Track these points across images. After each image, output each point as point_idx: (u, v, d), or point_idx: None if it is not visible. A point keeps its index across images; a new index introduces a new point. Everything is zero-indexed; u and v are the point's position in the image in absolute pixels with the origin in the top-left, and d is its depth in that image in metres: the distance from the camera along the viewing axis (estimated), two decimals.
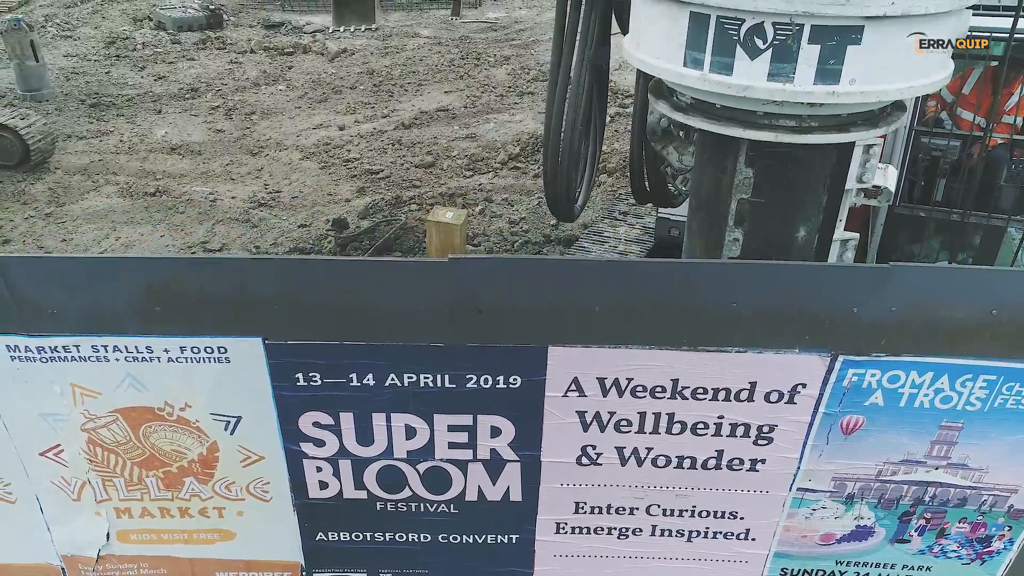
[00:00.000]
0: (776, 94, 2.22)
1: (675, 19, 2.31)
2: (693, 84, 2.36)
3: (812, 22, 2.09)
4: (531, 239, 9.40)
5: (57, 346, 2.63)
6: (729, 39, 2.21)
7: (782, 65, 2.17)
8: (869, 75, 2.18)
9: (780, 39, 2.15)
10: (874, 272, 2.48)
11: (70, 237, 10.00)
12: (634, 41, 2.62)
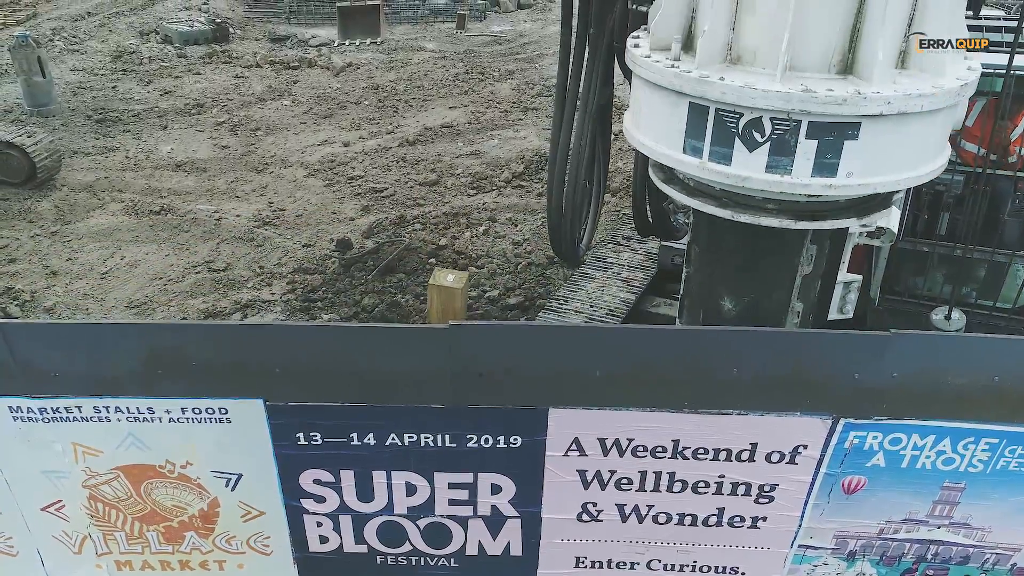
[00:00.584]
0: (774, 185, 2.22)
1: (675, 108, 2.32)
2: (692, 172, 2.36)
3: (810, 119, 2.09)
4: (534, 260, 9.40)
5: (59, 407, 2.65)
6: (728, 131, 2.21)
7: (780, 158, 2.18)
8: (866, 168, 2.19)
9: (778, 133, 2.16)
10: (874, 339, 2.48)
11: (75, 256, 10.02)
12: (633, 121, 2.62)
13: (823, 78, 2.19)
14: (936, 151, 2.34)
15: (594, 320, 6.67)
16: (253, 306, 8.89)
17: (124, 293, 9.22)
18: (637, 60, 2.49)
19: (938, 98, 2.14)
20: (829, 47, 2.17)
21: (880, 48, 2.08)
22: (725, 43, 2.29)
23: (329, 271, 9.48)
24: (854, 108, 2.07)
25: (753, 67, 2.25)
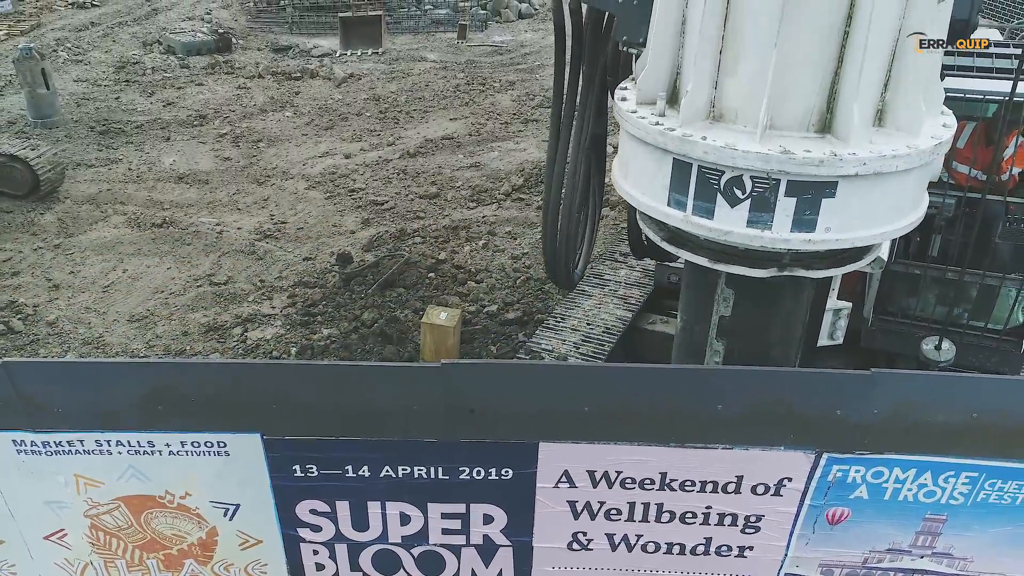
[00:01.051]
0: (755, 240, 2.30)
1: (660, 163, 2.39)
2: (676, 224, 2.44)
3: (788, 178, 2.17)
4: (533, 275, 9.47)
5: (62, 441, 2.72)
6: (710, 187, 2.29)
7: (760, 214, 2.26)
8: (844, 224, 2.27)
9: (758, 191, 2.23)
10: (856, 378, 2.55)
11: (78, 269, 10.11)
12: (621, 171, 2.70)
13: (802, 137, 2.27)
14: (913, 204, 2.42)
15: (591, 337, 6.75)
16: (254, 320, 8.97)
17: (126, 306, 9.30)
18: (624, 115, 2.57)
19: (912, 158, 2.22)
20: (807, 108, 2.25)
21: (856, 112, 2.16)
22: (708, 101, 2.37)
23: (329, 285, 9.56)
24: (830, 169, 2.15)
25: (735, 125, 2.33)
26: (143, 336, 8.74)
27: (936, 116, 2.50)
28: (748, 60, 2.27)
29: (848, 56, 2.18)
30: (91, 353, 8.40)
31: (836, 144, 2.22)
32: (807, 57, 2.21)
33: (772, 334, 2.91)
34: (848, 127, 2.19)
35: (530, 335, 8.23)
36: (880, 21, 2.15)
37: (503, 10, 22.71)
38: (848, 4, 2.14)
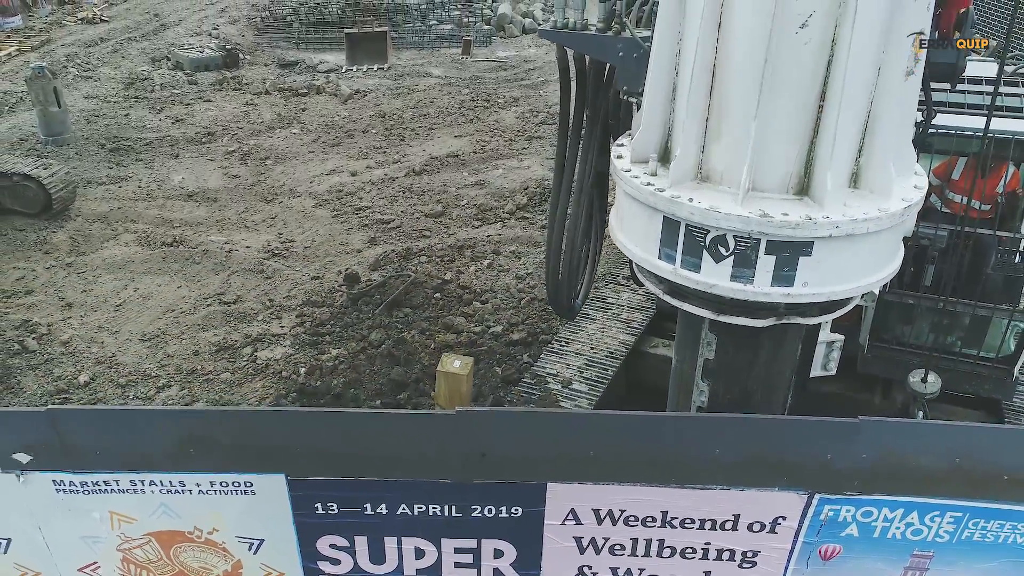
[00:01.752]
0: (738, 293, 2.48)
1: (651, 219, 2.58)
2: (666, 275, 2.62)
3: (767, 238, 2.35)
4: (537, 296, 9.63)
5: (99, 481, 2.89)
6: (697, 244, 2.48)
7: (743, 270, 2.44)
8: (820, 279, 2.45)
9: (740, 249, 2.42)
10: (845, 426, 2.71)
11: (90, 287, 10.29)
12: (618, 223, 2.88)
13: (781, 199, 2.45)
14: (886, 259, 2.60)
15: (595, 361, 6.91)
16: (263, 340, 9.14)
17: (138, 326, 9.48)
18: (619, 174, 2.75)
19: (883, 220, 2.40)
20: (786, 173, 2.44)
21: (829, 179, 2.35)
22: (695, 164, 2.56)
23: (337, 304, 9.73)
24: (806, 231, 2.34)
25: (720, 186, 2.52)
26: (155, 355, 8.92)
27: (908, 177, 2.68)
28: (731, 130, 2.46)
29: (822, 129, 2.37)
30: (104, 372, 8.59)
31: (812, 207, 2.40)
32: (785, 128, 2.40)
33: (754, 378, 3.09)
34: (823, 192, 2.38)
35: (535, 356, 8.40)
36: (851, 97, 2.33)
37: (507, 25, 22.96)
38: (822, 82, 2.32)
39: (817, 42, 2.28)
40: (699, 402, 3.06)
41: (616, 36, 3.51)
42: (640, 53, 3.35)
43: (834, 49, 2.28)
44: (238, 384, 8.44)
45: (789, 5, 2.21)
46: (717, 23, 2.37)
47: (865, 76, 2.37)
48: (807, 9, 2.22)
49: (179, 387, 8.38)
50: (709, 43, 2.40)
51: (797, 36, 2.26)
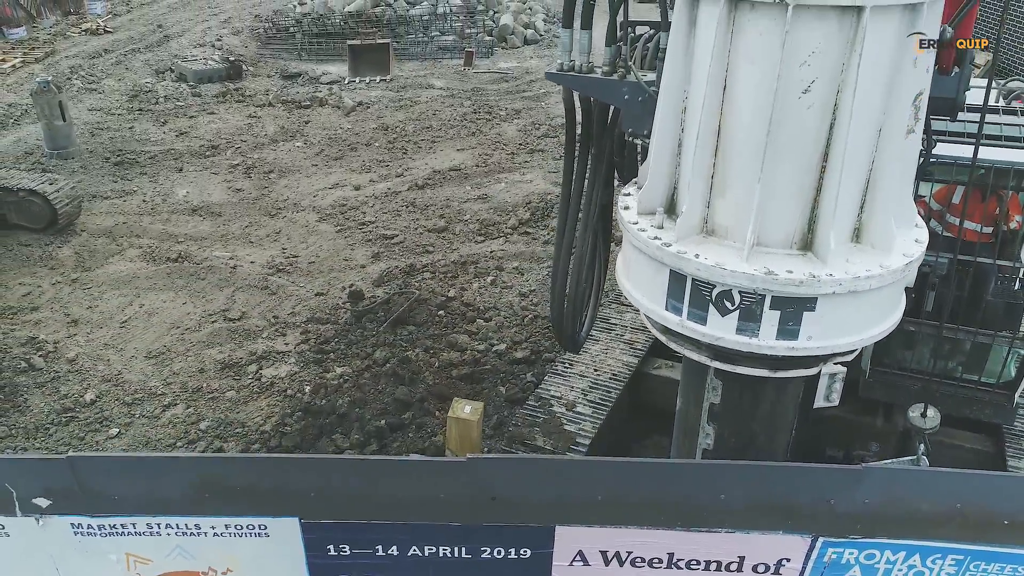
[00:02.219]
0: (743, 346, 2.55)
1: (658, 272, 2.64)
2: (672, 327, 2.68)
3: (772, 294, 2.41)
4: (540, 313, 9.69)
5: (116, 524, 2.95)
6: (703, 298, 2.54)
7: (748, 323, 2.50)
8: (824, 333, 2.51)
9: (746, 304, 2.48)
10: (847, 473, 2.77)
11: (95, 304, 10.35)
12: (625, 272, 2.94)
13: (786, 254, 2.51)
14: (889, 311, 2.67)
15: (599, 384, 6.97)
16: (268, 357, 9.19)
17: (143, 343, 9.54)
18: (626, 226, 2.81)
19: (884, 277, 2.47)
20: (790, 230, 2.50)
21: (832, 238, 2.42)
22: (701, 219, 2.63)
23: (341, 321, 9.79)
24: (810, 289, 2.40)
25: (726, 240, 2.58)
26: (160, 373, 8.97)
27: (910, 230, 2.74)
28: (736, 189, 2.52)
29: (825, 189, 2.43)
30: (110, 390, 8.64)
31: (815, 264, 2.46)
32: (788, 188, 2.46)
33: (759, 420, 3.15)
34: (826, 250, 2.44)
35: (538, 375, 8.46)
36: (853, 159, 2.40)
37: (509, 36, 23.07)
38: (824, 144, 2.39)
39: (820, 107, 2.34)
40: (705, 445, 3.12)
41: (621, 80, 3.58)
42: (645, 97, 3.41)
43: (836, 113, 2.34)
44: (243, 402, 8.49)
45: (793, 72, 2.28)
46: (722, 87, 2.44)
47: (866, 138, 2.43)
48: (810, 76, 2.29)
49: (184, 405, 8.43)
50: (714, 106, 2.46)
51: (800, 101, 2.33)
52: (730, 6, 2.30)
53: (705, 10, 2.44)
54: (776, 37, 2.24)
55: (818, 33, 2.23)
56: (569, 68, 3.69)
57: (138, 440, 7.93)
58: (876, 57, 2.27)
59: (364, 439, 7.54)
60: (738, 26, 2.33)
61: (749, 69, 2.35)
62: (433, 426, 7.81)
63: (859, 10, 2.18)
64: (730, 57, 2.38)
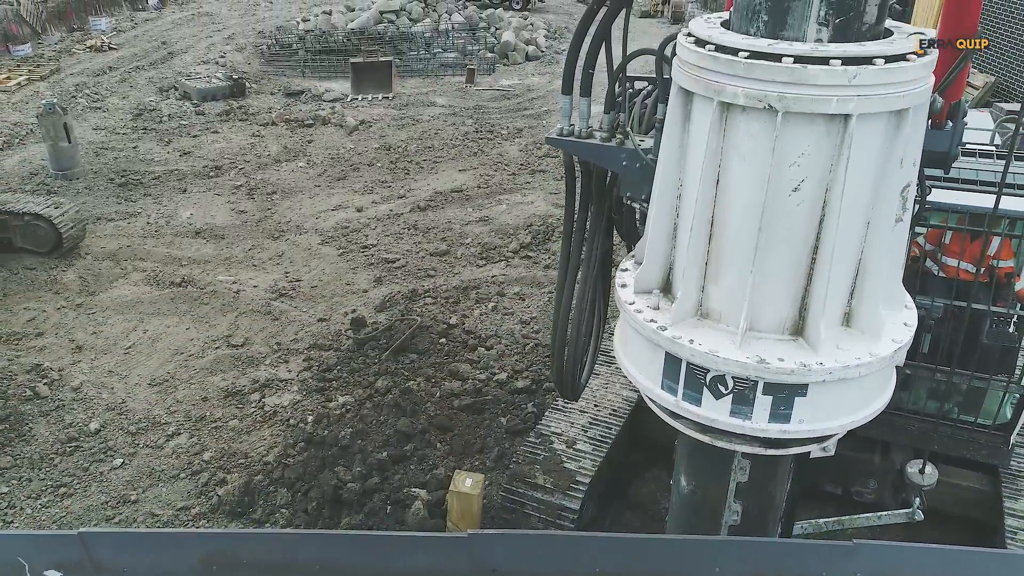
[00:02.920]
0: (737, 428, 2.62)
1: (654, 353, 2.72)
2: (668, 407, 2.75)
3: (764, 380, 2.49)
4: (542, 341, 9.77)
5: None
6: (697, 381, 2.62)
7: (741, 407, 2.58)
8: (815, 416, 2.58)
9: (739, 388, 2.56)
10: (840, 548, 2.83)
11: (100, 329, 10.43)
12: (622, 348, 3.01)
13: (778, 339, 2.59)
14: (879, 393, 2.74)
15: (599, 420, 7.03)
16: (271, 385, 9.27)
17: (147, 369, 9.62)
18: (623, 306, 2.89)
19: (873, 365, 2.54)
20: (782, 317, 2.58)
21: (822, 327, 2.49)
22: (696, 303, 2.70)
23: (343, 348, 9.86)
24: (800, 377, 2.48)
25: (720, 324, 2.66)
26: (164, 401, 9.05)
27: (899, 312, 2.81)
28: (729, 277, 2.60)
29: (815, 280, 2.50)
30: (114, 420, 8.71)
31: (806, 351, 2.54)
32: (779, 279, 2.54)
33: (778, 487, 3.23)
34: (816, 339, 2.52)
35: (539, 404, 8.52)
36: (842, 251, 2.47)
37: (510, 53, 23.19)
38: (814, 237, 2.46)
39: (809, 204, 2.41)
40: (731, 522, 3.18)
41: (619, 147, 3.65)
42: (642, 164, 3.49)
43: (825, 210, 2.41)
44: (246, 431, 8.56)
45: (783, 171, 2.35)
46: (715, 182, 2.51)
47: (855, 231, 2.51)
48: (800, 175, 2.36)
49: (188, 435, 8.50)
50: (708, 199, 2.54)
51: (790, 198, 2.40)
52: (722, 108, 2.38)
53: (698, 108, 2.51)
54: (767, 140, 2.31)
55: (807, 137, 2.31)
56: (569, 133, 3.76)
57: (142, 471, 8.00)
58: (863, 159, 2.35)
59: (366, 471, 7.60)
60: (730, 126, 2.40)
61: (741, 167, 2.42)
62: (434, 458, 7.87)
63: (846, 117, 2.25)
64: (723, 154, 2.46)
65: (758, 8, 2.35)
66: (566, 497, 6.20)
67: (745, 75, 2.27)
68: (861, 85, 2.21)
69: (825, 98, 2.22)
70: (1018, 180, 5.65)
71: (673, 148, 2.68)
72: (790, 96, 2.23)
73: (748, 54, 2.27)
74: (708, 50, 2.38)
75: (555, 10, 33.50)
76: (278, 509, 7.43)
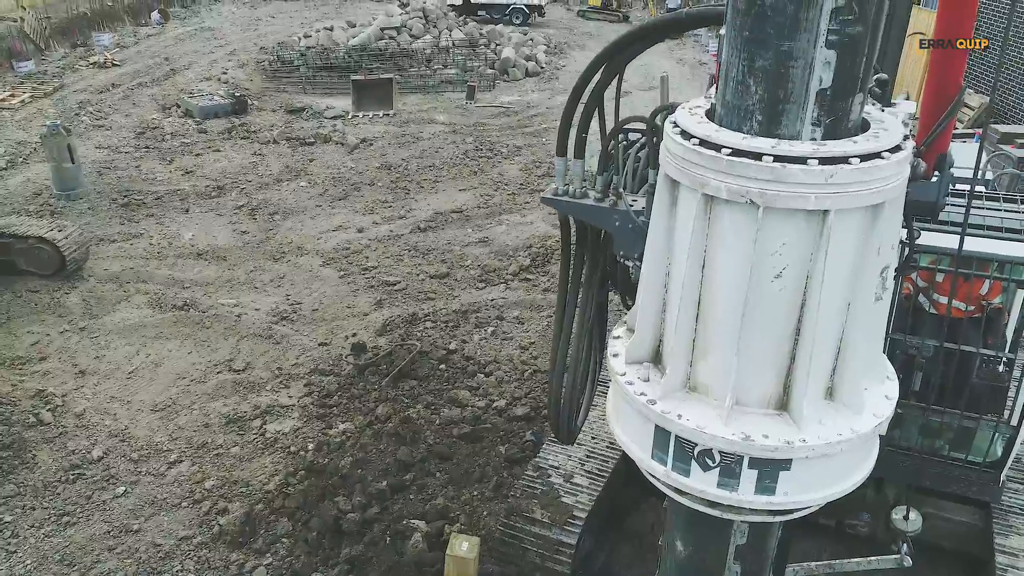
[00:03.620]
0: (724, 499, 2.71)
1: (644, 424, 2.81)
2: (658, 476, 2.83)
3: (750, 455, 2.59)
4: (540, 367, 9.85)
5: None
6: (686, 453, 2.70)
7: (728, 479, 2.67)
8: (799, 489, 2.67)
9: (726, 462, 2.64)
10: None
11: (103, 353, 10.53)
12: (615, 414, 3.10)
13: (763, 413, 2.68)
14: (861, 463, 2.83)
15: (595, 452, 7.10)
16: (272, 412, 9.35)
17: (149, 395, 9.71)
18: (615, 376, 2.98)
19: (855, 441, 2.64)
20: (767, 392, 2.68)
21: (805, 405, 2.59)
22: (684, 376, 2.80)
23: (344, 374, 9.94)
24: (784, 454, 2.57)
25: (707, 398, 2.75)
26: (166, 427, 9.13)
27: (881, 384, 2.89)
28: (716, 355, 2.69)
29: (798, 359, 2.59)
30: (116, 447, 8.80)
31: (790, 427, 2.62)
32: (763, 359, 2.63)
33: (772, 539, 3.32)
34: (799, 416, 2.61)
35: (538, 432, 8.60)
36: (824, 331, 2.56)
37: (511, 69, 23.33)
38: (797, 319, 2.55)
39: (791, 289, 2.50)
40: None
41: (612, 208, 3.74)
42: (634, 225, 3.58)
43: (807, 294, 2.50)
44: (247, 459, 8.64)
45: (765, 259, 2.45)
46: (701, 265, 2.60)
47: (836, 312, 2.59)
48: (781, 263, 2.45)
49: (190, 462, 8.59)
50: (694, 283, 2.63)
51: (773, 284, 2.49)
52: (707, 199, 2.48)
53: (684, 196, 2.61)
54: (749, 230, 2.41)
55: (787, 229, 2.40)
56: (563, 193, 3.86)
57: (144, 499, 8.08)
58: (842, 249, 2.44)
59: (366, 501, 7.68)
60: (714, 216, 2.50)
61: (725, 254, 2.52)
62: (434, 487, 7.95)
63: (825, 212, 2.35)
64: (708, 241, 2.55)
65: (752, 109, 2.44)
66: (563, 532, 6.28)
67: (728, 171, 2.37)
68: (838, 184, 2.31)
69: (804, 196, 2.31)
70: (1007, 224, 5.73)
71: (661, 230, 2.77)
72: (770, 193, 2.32)
73: (730, 151, 2.37)
74: (692, 143, 2.48)
75: (555, 25, 33.68)
76: (279, 539, 7.51)
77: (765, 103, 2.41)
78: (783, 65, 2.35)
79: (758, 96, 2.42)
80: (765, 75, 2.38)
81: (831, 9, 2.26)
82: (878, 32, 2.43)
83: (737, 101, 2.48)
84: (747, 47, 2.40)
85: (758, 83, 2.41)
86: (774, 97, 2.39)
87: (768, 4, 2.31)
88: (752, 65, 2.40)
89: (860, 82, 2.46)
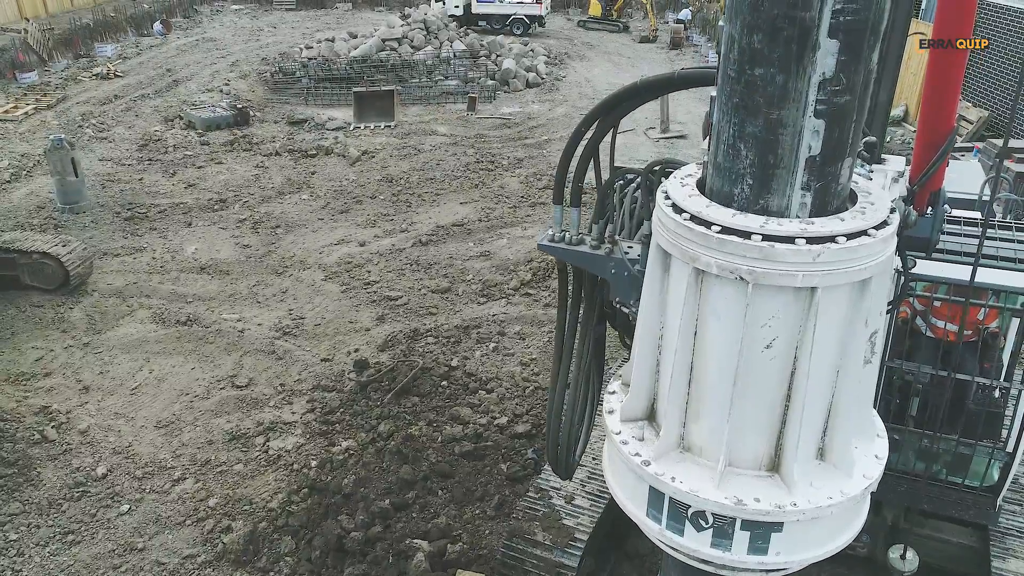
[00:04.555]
0: (718, 559, 2.79)
1: (639, 483, 2.88)
2: (653, 535, 2.91)
3: (742, 518, 2.67)
4: (541, 384, 9.94)
5: None
6: (679, 514, 2.78)
7: (721, 540, 2.74)
8: (791, 549, 2.75)
9: (719, 524, 2.72)
10: None
11: (107, 369, 10.61)
12: (611, 470, 3.17)
13: (755, 475, 2.76)
14: (851, 521, 2.90)
15: (596, 475, 7.19)
16: (275, 428, 9.43)
17: (153, 411, 9.79)
18: (610, 435, 3.05)
19: (844, 504, 2.71)
20: (759, 454, 2.76)
21: (796, 469, 2.67)
22: (678, 437, 2.88)
23: (346, 390, 10.03)
24: (775, 517, 2.65)
25: (701, 458, 2.83)
26: (170, 444, 9.21)
27: (871, 443, 2.97)
28: (708, 419, 2.77)
29: (788, 425, 2.67)
30: (120, 464, 8.87)
31: (781, 491, 2.70)
32: (755, 424, 2.71)
33: None
34: (790, 480, 2.68)
35: (539, 450, 8.67)
36: (814, 398, 2.64)
37: (511, 80, 23.41)
38: (787, 386, 2.63)
39: (781, 358, 2.58)
40: None
41: (607, 256, 3.82)
42: (630, 273, 3.66)
43: (796, 364, 2.58)
44: (251, 476, 8.72)
45: (755, 331, 2.53)
46: (692, 333, 2.69)
47: (826, 378, 2.67)
48: (771, 335, 2.53)
49: (194, 479, 8.67)
50: (686, 350, 2.71)
51: (763, 354, 2.57)
52: (697, 272, 2.56)
53: (676, 266, 2.69)
54: (739, 304, 2.48)
55: (776, 303, 2.48)
56: (560, 239, 3.93)
57: (148, 517, 8.17)
58: (830, 322, 2.52)
59: (369, 520, 7.77)
60: (705, 287, 2.57)
61: (716, 324, 2.60)
62: (436, 506, 8.04)
63: (812, 288, 2.43)
64: (699, 311, 2.63)
65: (743, 172, 2.52)
66: (564, 555, 6.36)
67: (718, 248, 2.45)
68: (825, 262, 2.39)
69: (792, 274, 2.39)
70: (1003, 252, 5.80)
71: (654, 296, 2.85)
72: (759, 271, 2.40)
73: (720, 228, 2.45)
74: (683, 218, 2.56)
75: (555, 35, 33.75)
76: (282, 557, 7.60)
77: (756, 167, 2.47)
78: (772, 132, 2.41)
79: (748, 160, 2.49)
80: (755, 141, 2.44)
81: (819, 81, 2.33)
82: (866, 99, 2.49)
83: (728, 164, 2.55)
84: (737, 113, 2.46)
85: (748, 148, 2.47)
86: (764, 162, 2.46)
87: (758, 74, 2.37)
88: (742, 131, 2.47)
89: (849, 148, 2.52)
